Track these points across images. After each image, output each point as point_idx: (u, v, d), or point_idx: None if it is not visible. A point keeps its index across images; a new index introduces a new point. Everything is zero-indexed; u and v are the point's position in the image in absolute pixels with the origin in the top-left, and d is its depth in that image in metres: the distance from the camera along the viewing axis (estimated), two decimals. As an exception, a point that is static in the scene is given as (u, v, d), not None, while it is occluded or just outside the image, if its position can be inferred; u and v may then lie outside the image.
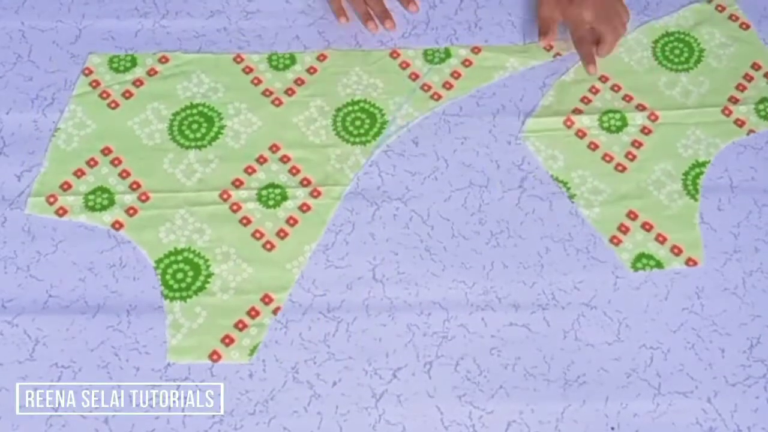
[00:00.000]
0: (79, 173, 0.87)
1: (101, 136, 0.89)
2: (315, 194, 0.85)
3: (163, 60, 0.94)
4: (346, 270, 0.82)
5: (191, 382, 0.76)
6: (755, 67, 0.93)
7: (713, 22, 0.97)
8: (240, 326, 0.79)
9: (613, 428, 0.74)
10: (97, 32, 0.95)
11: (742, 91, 0.92)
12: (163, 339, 0.78)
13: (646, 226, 0.84)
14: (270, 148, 0.88)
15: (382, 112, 0.91)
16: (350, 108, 0.91)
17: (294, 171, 0.87)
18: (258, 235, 0.83)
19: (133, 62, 0.94)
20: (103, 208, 0.85)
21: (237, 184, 0.86)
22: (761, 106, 0.91)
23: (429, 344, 0.78)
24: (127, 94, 0.92)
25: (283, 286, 0.80)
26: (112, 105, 0.91)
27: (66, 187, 0.86)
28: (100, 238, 0.83)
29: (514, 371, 0.77)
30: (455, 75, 0.93)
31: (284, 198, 0.85)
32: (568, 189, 0.87)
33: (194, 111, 0.91)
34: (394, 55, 0.94)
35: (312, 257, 0.83)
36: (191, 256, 0.82)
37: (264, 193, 0.86)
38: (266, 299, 0.80)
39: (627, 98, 0.92)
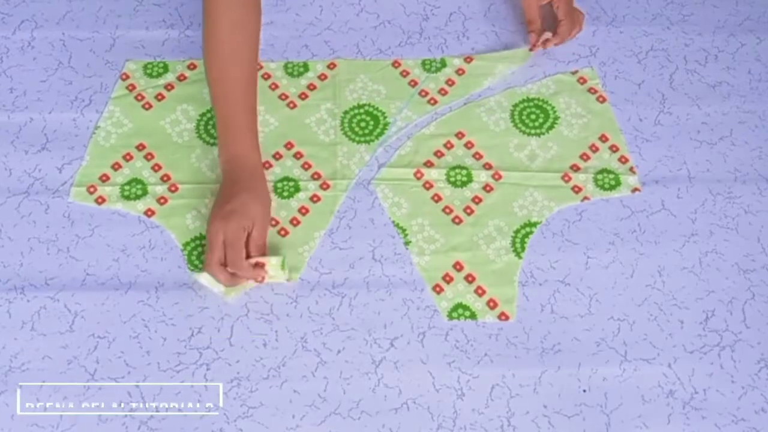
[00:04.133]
0: (116, 166, 0.91)
1: (136, 134, 0.93)
2: (324, 187, 0.90)
3: (192, 67, 0.97)
4: (349, 251, 0.87)
5: (212, 350, 0.80)
6: (603, 138, 0.93)
7: (572, 92, 0.96)
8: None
9: (584, 391, 0.79)
10: (130, 41, 0.99)
11: (585, 160, 0.92)
12: (188, 312, 0.82)
13: (469, 278, 0.84)
14: (285, 146, 0.93)
15: (385, 114, 0.95)
16: (356, 111, 0.95)
17: (306, 166, 0.91)
18: (273, 222, 0.87)
19: (165, 68, 0.97)
20: (137, 197, 0.89)
21: (255, 177, 0.90)
22: (600, 176, 0.90)
23: (422, 317, 0.83)
24: (159, 97, 0.95)
25: (295, 267, 0.85)
26: (146, 106, 0.95)
27: (105, 178, 0.90)
28: (132, 224, 0.87)
29: (497, 340, 0.82)
30: (450, 82, 0.98)
31: (297, 190, 0.90)
32: (406, 236, 0.87)
33: (218, 112, 0.95)
34: (395, 64, 0.98)
35: (320, 241, 0.87)
36: (214, 240, 0.86)
37: (279, 185, 0.90)
38: (281, 278, 0.84)
39: (477, 156, 0.92)
